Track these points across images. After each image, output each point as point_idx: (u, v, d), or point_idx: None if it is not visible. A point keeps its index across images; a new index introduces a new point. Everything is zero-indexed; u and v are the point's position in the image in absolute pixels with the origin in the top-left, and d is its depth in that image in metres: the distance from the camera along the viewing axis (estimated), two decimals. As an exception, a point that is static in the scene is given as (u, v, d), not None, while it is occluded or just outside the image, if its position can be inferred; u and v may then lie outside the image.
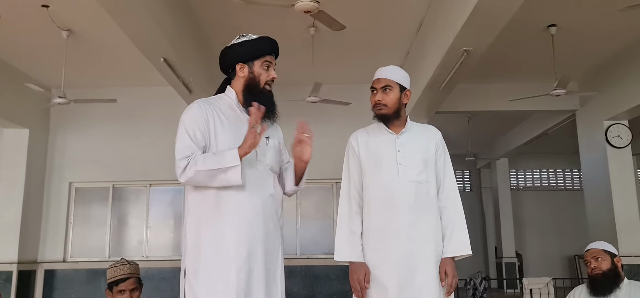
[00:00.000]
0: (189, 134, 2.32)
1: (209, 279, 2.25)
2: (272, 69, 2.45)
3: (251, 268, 2.27)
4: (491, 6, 4.49)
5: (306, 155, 2.45)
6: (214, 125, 2.35)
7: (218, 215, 2.29)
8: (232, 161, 2.20)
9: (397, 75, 2.59)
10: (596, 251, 3.43)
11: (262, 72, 2.42)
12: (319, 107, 6.79)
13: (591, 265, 3.41)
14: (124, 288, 3.16)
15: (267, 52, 2.44)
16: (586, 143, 8.44)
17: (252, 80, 2.42)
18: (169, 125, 7.94)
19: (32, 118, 7.82)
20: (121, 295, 3.16)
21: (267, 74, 2.43)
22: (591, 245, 3.51)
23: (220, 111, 2.41)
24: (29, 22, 6.05)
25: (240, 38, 2.47)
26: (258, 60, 2.42)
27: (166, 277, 7.52)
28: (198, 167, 2.24)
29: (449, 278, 2.45)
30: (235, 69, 2.44)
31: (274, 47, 2.47)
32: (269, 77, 2.44)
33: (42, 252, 7.97)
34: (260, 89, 2.41)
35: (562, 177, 14.86)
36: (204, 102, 2.43)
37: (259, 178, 2.37)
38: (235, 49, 2.45)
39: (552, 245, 13.82)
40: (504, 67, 7.75)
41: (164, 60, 5.70)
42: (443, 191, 2.58)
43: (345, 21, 5.30)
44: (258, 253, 2.30)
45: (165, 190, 8.32)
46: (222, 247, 2.26)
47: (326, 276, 7.95)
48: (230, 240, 2.26)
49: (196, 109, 2.39)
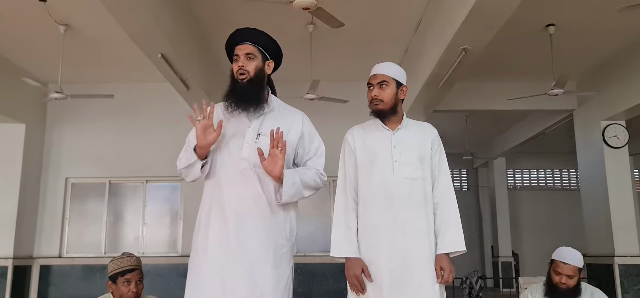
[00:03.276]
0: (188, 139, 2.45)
1: (190, 275, 2.34)
2: (240, 59, 2.42)
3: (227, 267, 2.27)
4: (490, 5, 4.49)
5: (275, 171, 2.27)
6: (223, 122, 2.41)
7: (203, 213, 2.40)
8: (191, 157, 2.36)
9: (393, 71, 2.59)
10: (572, 269, 3.36)
11: (233, 67, 2.46)
12: (316, 104, 6.78)
13: (562, 280, 3.36)
14: (130, 278, 3.18)
15: (230, 46, 2.49)
16: (583, 143, 8.45)
17: (231, 78, 2.46)
18: (166, 122, 8.03)
19: (28, 113, 7.80)
20: (127, 285, 3.17)
21: (236, 65, 2.44)
22: (567, 259, 3.38)
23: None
24: (26, 17, 6.03)
25: None
26: (233, 56, 2.47)
27: (162, 274, 7.51)
28: (180, 165, 2.42)
29: (446, 273, 2.45)
30: None
31: (233, 38, 2.48)
32: (237, 68, 2.42)
33: (37, 248, 7.95)
34: (234, 81, 2.44)
35: (559, 177, 14.90)
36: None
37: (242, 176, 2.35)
38: None
39: (548, 245, 13.69)
40: (502, 66, 7.75)
41: (161, 56, 5.68)
42: (438, 188, 2.58)
43: (344, 18, 5.30)
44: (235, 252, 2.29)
45: (162, 186, 8.31)
46: (199, 243, 2.35)
47: (322, 274, 7.95)
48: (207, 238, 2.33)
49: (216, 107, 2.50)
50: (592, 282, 7.90)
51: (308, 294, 7.92)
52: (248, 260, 2.29)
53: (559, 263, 3.40)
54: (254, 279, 2.28)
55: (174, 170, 2.47)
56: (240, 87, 2.39)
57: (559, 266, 3.40)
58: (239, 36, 2.45)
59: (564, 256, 3.40)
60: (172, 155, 2.34)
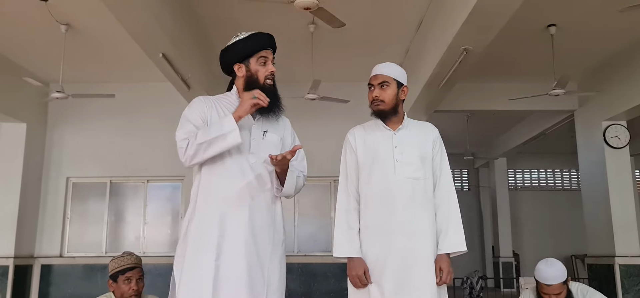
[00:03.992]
0: (190, 120, 2.39)
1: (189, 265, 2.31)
2: (269, 63, 2.46)
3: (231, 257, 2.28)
4: (491, 5, 4.49)
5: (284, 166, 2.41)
6: (212, 117, 2.40)
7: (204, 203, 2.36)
8: (229, 126, 2.28)
9: (394, 72, 2.60)
10: (557, 288, 3.23)
11: (259, 68, 2.44)
12: (317, 104, 6.79)
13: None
14: (130, 276, 3.20)
15: (261, 47, 2.45)
16: (584, 143, 8.44)
17: (250, 78, 2.44)
18: (167, 121, 7.97)
19: (29, 112, 7.80)
20: (128, 283, 3.19)
21: (264, 68, 2.44)
22: (549, 279, 3.25)
23: (221, 106, 2.46)
24: (27, 16, 6.03)
25: (235, 38, 2.49)
26: (253, 57, 2.44)
27: (162, 273, 7.50)
28: (198, 140, 2.30)
29: (444, 274, 2.46)
30: (234, 70, 2.48)
31: (267, 41, 2.48)
32: (268, 72, 2.45)
33: (38, 247, 7.96)
34: (261, 85, 2.43)
35: (560, 177, 14.88)
36: (205, 97, 2.52)
37: (252, 171, 2.39)
38: (231, 50, 2.48)
39: (549, 245, 13.83)
40: (503, 67, 7.75)
41: (162, 56, 5.68)
42: (439, 188, 2.58)
43: (345, 18, 5.30)
44: (240, 243, 2.30)
45: (163, 186, 8.32)
46: (202, 233, 2.32)
47: (323, 274, 7.95)
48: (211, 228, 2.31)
49: (197, 101, 2.48)
50: (593, 283, 7.90)
51: (309, 294, 7.92)
52: (259, 252, 2.34)
53: (543, 285, 3.28)
54: (263, 271, 2.34)
55: (175, 169, 2.49)
56: (273, 91, 2.45)
57: (543, 288, 3.28)
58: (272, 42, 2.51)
59: (545, 278, 3.27)
60: (173, 154, 2.33)
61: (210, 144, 2.28)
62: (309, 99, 6.47)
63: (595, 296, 3.47)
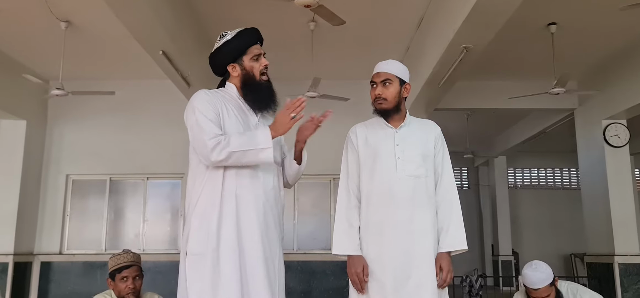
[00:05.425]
0: (208, 117, 2.29)
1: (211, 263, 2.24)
2: (262, 58, 2.45)
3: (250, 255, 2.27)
4: (491, 3, 4.48)
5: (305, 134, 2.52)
6: (221, 112, 2.35)
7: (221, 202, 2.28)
8: (265, 143, 2.25)
9: (396, 69, 2.59)
10: (545, 290, 3.22)
11: (253, 65, 2.43)
12: (317, 102, 6.77)
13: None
14: (127, 275, 3.20)
15: (251, 43, 2.44)
16: (584, 142, 8.44)
17: (247, 76, 2.43)
18: (167, 119, 8.03)
19: (29, 109, 7.80)
20: (124, 282, 3.19)
21: (258, 64, 2.43)
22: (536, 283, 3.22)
23: (225, 100, 2.41)
24: (28, 13, 6.02)
25: (221, 39, 2.45)
26: (245, 55, 2.42)
27: (162, 271, 7.51)
28: (231, 148, 2.23)
29: (444, 273, 2.46)
30: (228, 71, 2.46)
31: (255, 36, 2.46)
32: (262, 66, 2.44)
33: (38, 244, 7.95)
34: (257, 82, 2.42)
35: (560, 176, 14.88)
36: (209, 91, 2.43)
37: (262, 169, 2.38)
38: (220, 52, 2.45)
39: (548, 244, 13.84)
40: (503, 65, 7.74)
41: (162, 53, 5.67)
42: (441, 186, 2.58)
43: (345, 16, 5.29)
44: (256, 241, 2.29)
45: (163, 183, 8.31)
46: (223, 232, 2.26)
47: (323, 272, 7.95)
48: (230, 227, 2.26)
49: (205, 94, 2.38)
50: (593, 281, 7.91)
51: (308, 292, 7.92)
52: (271, 247, 2.35)
53: (531, 290, 3.26)
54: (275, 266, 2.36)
55: (174, 167, 2.47)
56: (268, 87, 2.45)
57: (531, 292, 3.27)
58: (259, 35, 2.49)
59: (531, 282, 3.25)
60: (173, 152, 2.32)
61: (244, 155, 2.24)
62: (309, 96, 6.46)
63: (586, 294, 3.45)
